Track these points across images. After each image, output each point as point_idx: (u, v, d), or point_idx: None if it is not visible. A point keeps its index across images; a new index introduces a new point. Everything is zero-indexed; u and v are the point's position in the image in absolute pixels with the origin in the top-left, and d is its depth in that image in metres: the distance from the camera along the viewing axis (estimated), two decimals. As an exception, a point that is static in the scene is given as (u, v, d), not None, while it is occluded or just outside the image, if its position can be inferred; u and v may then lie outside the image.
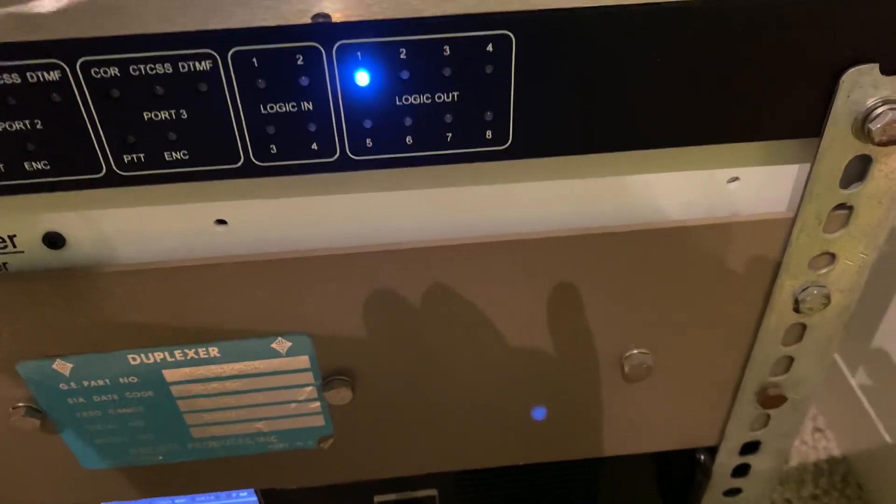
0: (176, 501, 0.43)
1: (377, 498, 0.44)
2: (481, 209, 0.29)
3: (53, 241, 0.29)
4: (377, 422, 0.37)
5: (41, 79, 0.24)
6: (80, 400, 0.34)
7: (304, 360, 0.33)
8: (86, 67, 0.24)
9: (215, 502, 0.43)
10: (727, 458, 0.42)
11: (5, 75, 0.23)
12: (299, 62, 0.24)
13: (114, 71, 0.24)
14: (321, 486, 0.42)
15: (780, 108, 0.27)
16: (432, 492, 0.44)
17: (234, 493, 0.43)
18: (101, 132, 0.25)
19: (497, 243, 0.30)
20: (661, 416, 0.39)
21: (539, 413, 0.37)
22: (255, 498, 0.43)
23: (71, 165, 0.25)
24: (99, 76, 0.24)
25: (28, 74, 0.24)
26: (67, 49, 0.23)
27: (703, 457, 0.41)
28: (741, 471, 0.43)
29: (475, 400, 0.36)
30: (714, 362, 0.36)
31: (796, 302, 0.33)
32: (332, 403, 0.34)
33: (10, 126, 0.24)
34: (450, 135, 0.26)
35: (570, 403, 0.37)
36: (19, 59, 0.23)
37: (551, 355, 0.35)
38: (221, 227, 0.29)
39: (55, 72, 0.24)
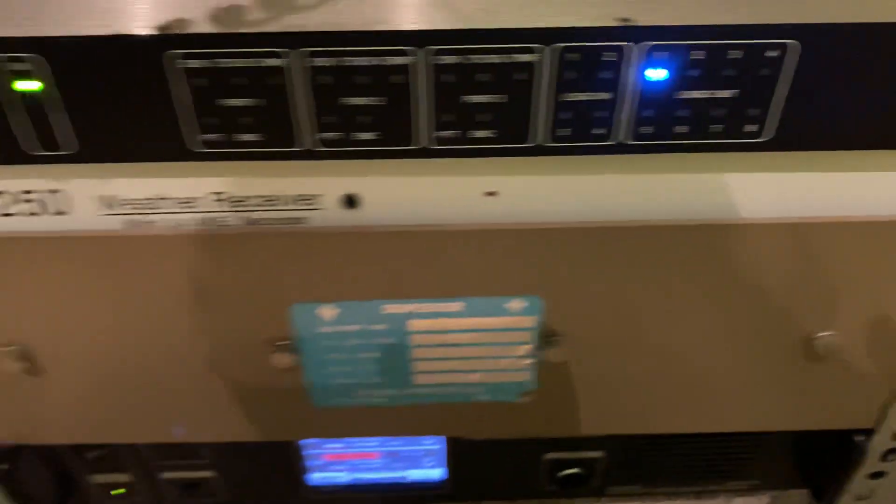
0: (370, 442, 0.48)
1: (547, 455, 0.48)
2: (727, 195, 0.33)
3: (351, 201, 0.33)
4: (576, 382, 0.41)
5: (389, 63, 0.28)
6: (333, 343, 0.38)
7: (531, 320, 0.37)
8: (433, 56, 0.28)
9: (404, 447, 0.48)
10: (881, 442, 0.45)
11: (362, 58, 0.28)
12: (608, 58, 0.28)
13: (452, 59, 0.28)
14: (502, 439, 0.46)
15: None
16: (600, 453, 0.48)
17: (422, 440, 0.48)
18: (431, 110, 0.29)
19: (727, 226, 0.34)
20: (830, 395, 0.42)
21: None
22: (440, 445, 0.48)
23: (397, 137, 0.30)
24: (443, 62, 0.28)
25: (378, 59, 0.28)
26: (418, 38, 0.28)
27: (860, 438, 0.45)
28: (890, 455, 0.46)
29: (668, 370, 0.40)
30: (891, 347, 0.39)
31: (984, 296, 0.36)
32: (548, 361, 0.38)
33: (358, 101, 0.29)
34: (720, 126, 0.30)
35: (751, 378, 0.41)
36: (374, 45, 0.28)
37: (748, 332, 0.38)
38: (491, 198, 0.33)
39: (401, 57, 0.28)
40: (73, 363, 0.39)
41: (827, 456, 0.48)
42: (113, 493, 0.48)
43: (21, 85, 0.28)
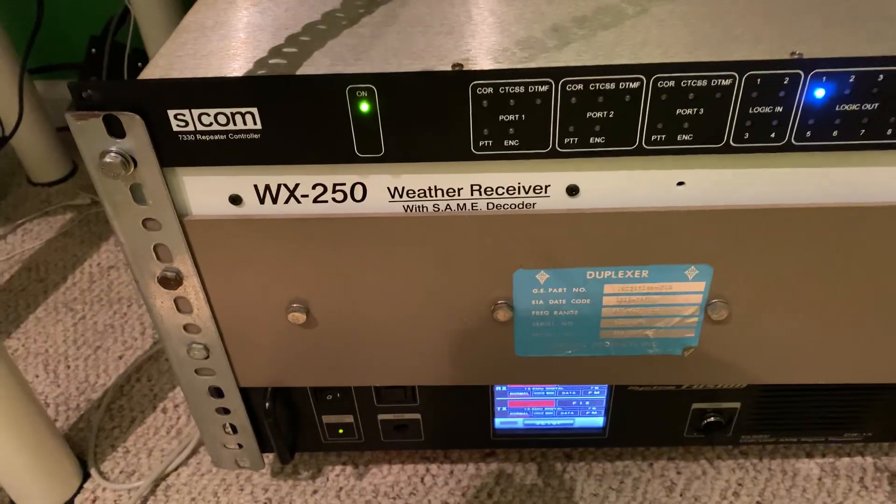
0: (549, 390, 0.58)
1: (694, 405, 0.58)
2: (871, 184, 0.43)
3: (572, 190, 0.44)
4: (730, 338, 0.51)
5: (622, 87, 0.39)
6: (541, 302, 0.49)
7: (701, 285, 0.48)
8: (655, 81, 0.39)
9: (576, 396, 0.58)
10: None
11: (604, 84, 0.39)
12: (785, 81, 0.39)
13: (669, 84, 0.39)
14: (657, 388, 0.57)
15: None
16: (736, 404, 0.58)
17: (589, 390, 0.58)
18: (648, 119, 0.40)
19: (868, 208, 0.43)
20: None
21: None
22: (603, 395, 0.58)
23: (620, 141, 0.41)
24: (662, 86, 0.39)
25: (614, 84, 0.39)
26: (645, 69, 0.39)
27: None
28: None
29: (810, 329, 0.49)
30: None
31: None
32: (713, 318, 0.49)
33: (596, 114, 0.40)
34: (863, 131, 0.40)
35: (883, 335, 0.49)
36: (614, 74, 0.39)
37: (878, 297, 0.48)
38: (680, 187, 0.44)
39: (632, 83, 0.39)
40: (338, 319, 0.51)
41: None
42: (339, 431, 0.60)
43: (363, 107, 0.40)
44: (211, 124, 0.41)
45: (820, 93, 0.39)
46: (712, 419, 0.59)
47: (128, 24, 0.99)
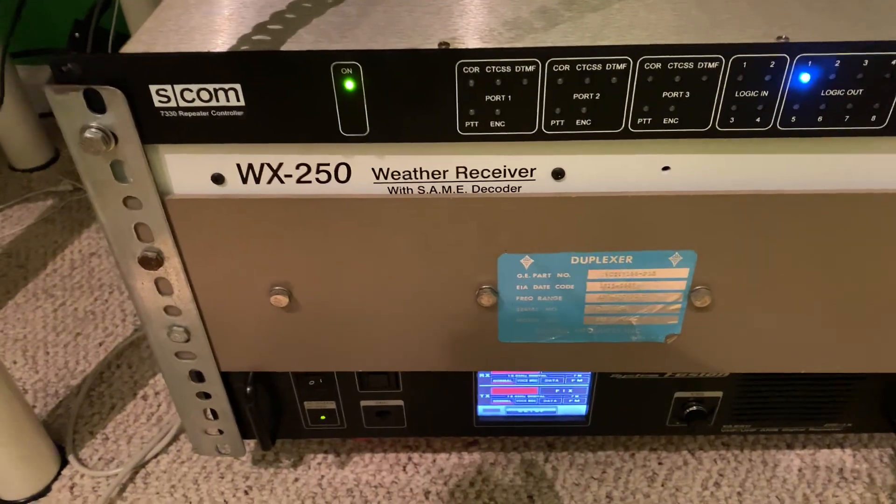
0: (532, 377, 0.58)
1: (677, 394, 0.58)
2: (852, 171, 0.43)
3: (557, 174, 0.44)
4: (713, 327, 0.51)
5: (609, 69, 0.39)
6: (525, 287, 0.49)
7: (685, 272, 0.48)
8: (642, 62, 0.39)
9: (559, 384, 0.58)
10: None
11: (591, 65, 0.39)
12: (771, 65, 0.39)
13: (656, 66, 0.39)
14: (640, 377, 0.57)
15: None
16: (718, 393, 0.58)
17: (572, 378, 0.58)
18: (635, 102, 0.40)
19: (851, 195, 0.44)
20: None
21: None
22: (586, 383, 0.58)
23: (605, 124, 0.41)
24: (648, 68, 0.39)
25: (601, 65, 0.39)
26: (632, 51, 0.38)
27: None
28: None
29: (792, 317, 0.49)
30: None
31: None
32: (696, 305, 0.49)
33: (583, 96, 0.40)
34: (847, 117, 0.40)
35: (864, 324, 0.50)
36: (601, 54, 0.39)
37: (859, 284, 0.48)
38: (666, 172, 0.44)
39: (619, 64, 0.39)
40: (321, 302, 0.50)
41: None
42: (321, 418, 0.60)
43: (347, 84, 0.40)
44: (193, 100, 0.40)
45: (805, 77, 0.39)
46: (694, 408, 0.59)
47: (112, 8, 0.98)
